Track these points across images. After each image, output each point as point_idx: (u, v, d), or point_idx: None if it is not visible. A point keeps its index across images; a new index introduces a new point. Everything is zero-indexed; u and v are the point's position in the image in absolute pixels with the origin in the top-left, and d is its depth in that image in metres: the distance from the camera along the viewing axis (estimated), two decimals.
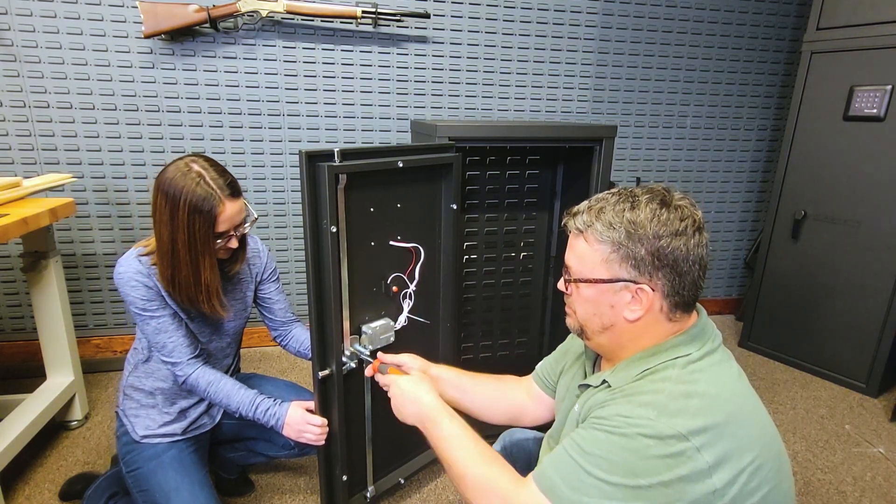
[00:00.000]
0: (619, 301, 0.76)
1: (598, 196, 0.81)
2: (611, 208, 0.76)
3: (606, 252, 0.75)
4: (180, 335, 1.16)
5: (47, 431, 1.66)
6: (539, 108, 2.37)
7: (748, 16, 2.45)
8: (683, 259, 0.73)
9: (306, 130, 2.16)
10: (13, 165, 1.94)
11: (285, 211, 2.23)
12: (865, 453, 1.76)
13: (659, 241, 0.73)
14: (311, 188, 1.04)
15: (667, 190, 0.78)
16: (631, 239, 0.73)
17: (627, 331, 0.78)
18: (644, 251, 0.73)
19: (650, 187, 0.79)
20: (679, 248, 0.73)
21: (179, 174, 1.06)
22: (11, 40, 1.83)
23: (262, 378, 1.43)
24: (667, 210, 0.74)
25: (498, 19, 2.21)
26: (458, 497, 1.51)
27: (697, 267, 0.75)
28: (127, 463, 1.21)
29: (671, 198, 0.77)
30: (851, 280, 2.11)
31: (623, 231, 0.74)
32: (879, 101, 1.94)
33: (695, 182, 2.66)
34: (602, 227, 0.75)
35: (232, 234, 1.13)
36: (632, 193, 0.78)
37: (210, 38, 1.98)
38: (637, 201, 0.76)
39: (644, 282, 0.74)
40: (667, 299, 0.75)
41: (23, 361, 2.07)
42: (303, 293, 2.35)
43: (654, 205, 0.75)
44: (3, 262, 2.03)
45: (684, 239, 0.74)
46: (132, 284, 1.11)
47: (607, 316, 0.78)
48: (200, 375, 1.18)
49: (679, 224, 0.74)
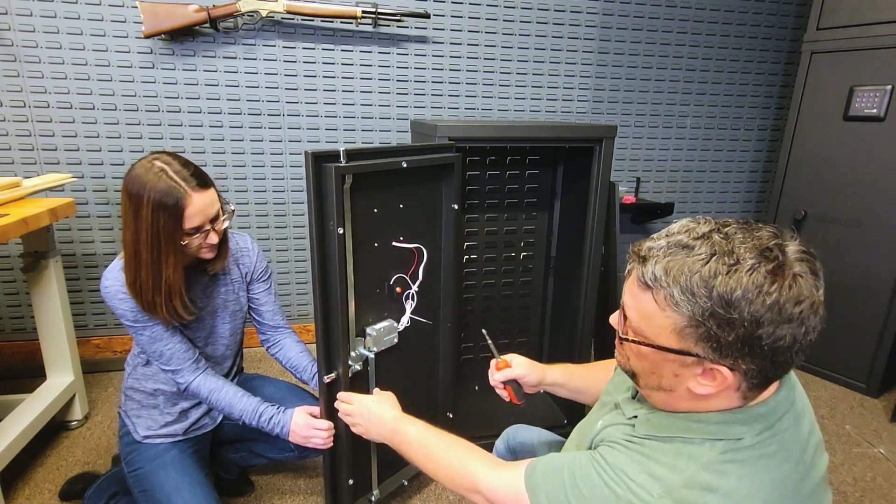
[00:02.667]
0: (687, 373, 0.61)
1: (678, 237, 0.61)
2: (698, 269, 0.57)
3: (681, 323, 0.59)
4: (176, 342, 1.15)
5: (47, 431, 1.66)
6: (539, 108, 2.37)
7: (748, 16, 2.45)
8: (786, 349, 0.56)
9: (306, 130, 2.16)
10: (13, 165, 1.94)
11: (285, 211, 2.23)
12: (866, 454, 1.76)
13: (758, 329, 0.55)
14: (316, 189, 1.03)
15: (780, 245, 0.57)
16: (718, 320, 0.56)
17: (687, 398, 0.64)
18: (734, 337, 0.56)
19: (758, 236, 0.58)
20: (783, 339, 0.55)
21: (143, 171, 1.03)
22: (11, 40, 1.83)
23: (262, 379, 1.42)
24: (779, 285, 0.55)
25: (498, 19, 2.21)
26: (457, 497, 1.51)
27: (801, 356, 0.58)
28: (129, 463, 1.22)
29: (787, 260, 0.56)
30: (851, 280, 2.10)
31: (710, 308, 0.56)
32: (879, 101, 1.94)
33: (695, 182, 2.66)
34: (680, 294, 0.57)
35: (209, 228, 1.09)
36: (730, 246, 0.57)
37: (210, 38, 1.98)
38: (738, 264, 0.56)
39: (724, 364, 0.58)
40: (748, 381, 0.59)
41: (23, 361, 2.07)
42: (303, 293, 2.35)
43: (763, 274, 0.55)
44: (3, 262, 2.03)
45: (793, 326, 0.55)
46: (120, 297, 1.08)
47: (667, 380, 0.64)
48: (202, 383, 1.17)
49: (793, 308, 0.55)
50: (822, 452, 0.68)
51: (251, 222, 2.21)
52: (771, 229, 0.60)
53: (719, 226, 0.61)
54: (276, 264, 2.28)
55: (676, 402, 0.66)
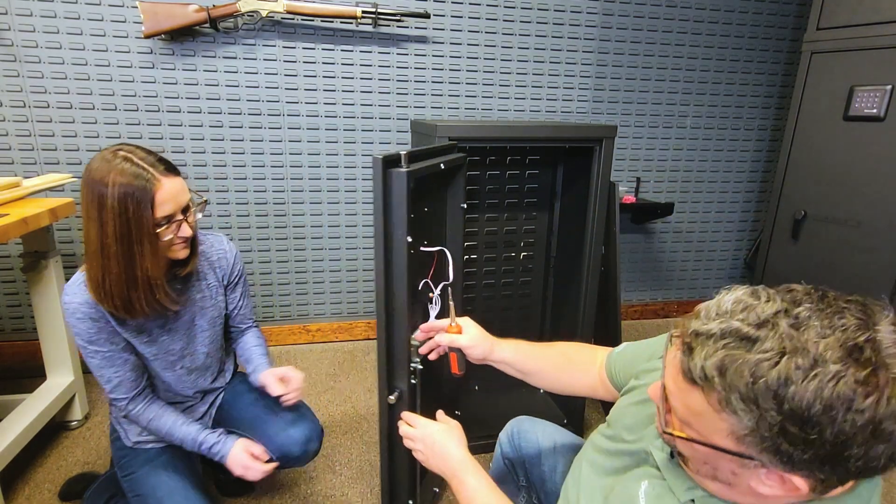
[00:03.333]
0: (748, 473, 0.52)
1: (735, 322, 0.49)
2: (763, 374, 0.46)
3: (741, 431, 0.49)
4: (127, 369, 1.11)
5: (47, 431, 1.66)
6: (539, 108, 2.37)
7: (748, 16, 2.45)
8: (881, 468, 0.47)
9: (306, 130, 2.16)
10: (13, 165, 1.94)
11: (285, 211, 2.23)
12: None
13: (845, 451, 0.45)
14: (386, 197, 0.95)
15: (872, 339, 0.45)
16: (791, 437, 0.46)
17: (749, 494, 0.54)
18: (811, 455, 0.46)
19: (842, 325, 0.46)
20: (877, 459, 0.46)
21: (103, 162, 0.98)
22: (11, 40, 1.83)
23: (249, 384, 1.35)
24: (875, 399, 0.43)
25: (498, 19, 2.21)
26: None
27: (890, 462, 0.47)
28: (121, 468, 1.21)
29: (881, 360, 0.45)
30: (851, 280, 2.10)
31: (779, 423, 0.46)
32: (879, 101, 1.94)
33: (695, 182, 2.66)
34: (740, 403, 0.47)
35: (180, 218, 1.03)
36: (805, 341, 0.46)
37: (210, 38, 1.98)
38: (818, 368, 0.44)
39: (797, 475, 0.49)
40: (825, 486, 0.50)
41: (23, 361, 2.07)
42: (302, 293, 2.35)
43: (851, 385, 0.44)
44: (3, 262, 2.03)
45: (892, 445, 0.45)
46: (78, 316, 1.04)
47: (723, 475, 0.54)
48: (142, 412, 1.14)
49: (893, 425, 0.44)
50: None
51: (251, 222, 2.21)
52: (858, 313, 0.47)
53: (788, 304, 0.48)
54: (276, 264, 2.29)
55: (736, 497, 0.55)
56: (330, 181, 2.24)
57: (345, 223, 2.31)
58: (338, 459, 1.65)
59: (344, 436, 1.77)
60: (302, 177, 2.21)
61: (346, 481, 1.56)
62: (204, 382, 1.28)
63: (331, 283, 2.38)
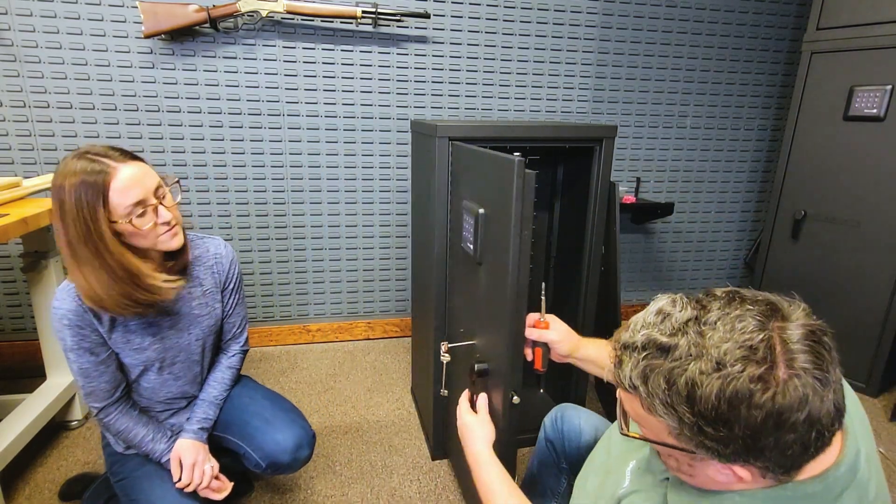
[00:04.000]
0: (702, 465, 0.56)
1: (654, 333, 0.54)
2: (674, 380, 0.50)
3: (675, 430, 0.54)
4: (104, 381, 1.10)
5: (47, 431, 1.66)
6: (539, 108, 2.37)
7: (748, 16, 2.45)
8: (800, 452, 0.51)
9: (306, 130, 2.16)
10: (13, 165, 1.94)
11: (285, 211, 2.23)
12: None
13: (758, 442, 0.49)
14: (521, 195, 0.96)
15: (769, 339, 0.49)
16: (708, 435, 0.51)
17: (713, 483, 0.58)
18: (732, 449, 0.51)
19: (741, 328, 0.50)
20: (791, 446, 0.50)
21: (61, 165, 0.95)
22: (11, 40, 1.83)
23: (244, 386, 1.34)
24: (772, 393, 0.47)
25: (498, 19, 2.21)
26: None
27: (827, 441, 0.52)
28: (114, 473, 1.20)
29: (778, 359, 0.48)
30: (851, 280, 2.10)
31: (695, 423, 0.51)
32: (879, 101, 1.94)
33: (695, 182, 2.66)
34: (663, 408, 0.52)
35: (154, 202, 0.99)
36: (709, 346, 0.50)
37: (210, 38, 1.98)
38: (720, 371, 0.48)
39: (737, 464, 0.53)
40: (771, 472, 0.53)
41: (23, 361, 2.07)
42: (302, 293, 2.35)
43: (747, 385, 0.48)
44: (3, 262, 2.03)
45: (800, 433, 0.49)
46: (65, 323, 1.03)
47: (685, 468, 0.59)
48: (112, 422, 1.13)
49: (794, 415, 0.48)
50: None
51: (251, 222, 2.21)
52: (758, 314, 0.50)
53: (699, 311, 0.53)
54: (276, 264, 2.29)
55: (701, 485, 0.59)
56: (330, 181, 2.24)
57: (345, 223, 2.31)
58: (338, 459, 1.65)
59: (344, 436, 1.77)
60: (302, 177, 2.21)
61: (346, 481, 1.56)
62: (192, 389, 1.26)
63: (331, 283, 2.38)
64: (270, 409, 1.27)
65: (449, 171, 1.39)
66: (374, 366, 2.24)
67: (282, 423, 1.24)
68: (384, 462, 1.65)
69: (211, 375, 1.28)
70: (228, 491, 1.19)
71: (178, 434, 1.19)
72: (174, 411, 1.26)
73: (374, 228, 2.35)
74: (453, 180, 1.39)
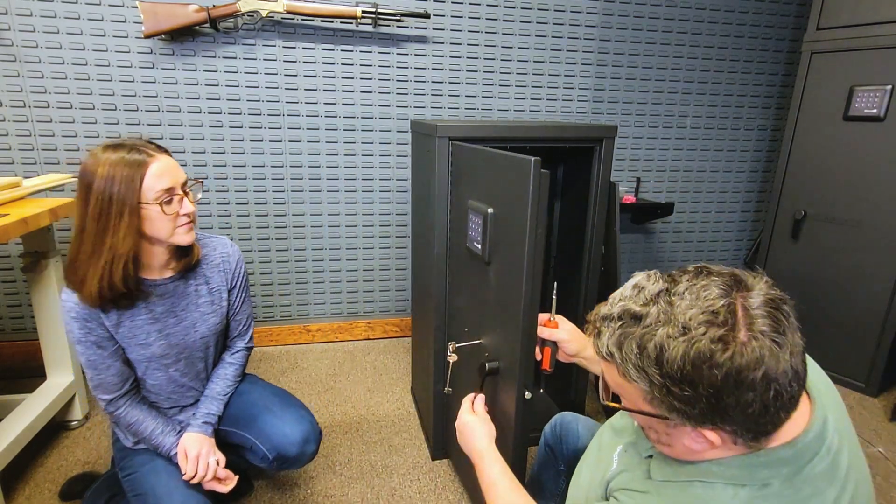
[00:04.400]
0: (677, 432, 0.60)
1: (629, 304, 0.58)
2: (646, 345, 0.55)
3: (648, 395, 0.58)
4: (111, 373, 1.12)
5: (47, 431, 1.66)
6: (539, 108, 2.37)
7: (748, 16, 2.45)
8: (761, 412, 0.54)
9: (306, 130, 2.16)
10: (13, 165, 1.94)
11: (285, 211, 2.23)
12: (865, 453, 1.76)
13: (721, 401, 0.53)
14: (535, 194, 0.98)
15: (731, 305, 0.53)
16: (677, 396, 0.55)
17: (689, 453, 0.61)
18: (699, 409, 0.55)
19: (705, 296, 0.55)
20: (752, 405, 0.53)
21: (97, 150, 1.01)
22: (11, 40, 1.83)
23: (252, 383, 1.36)
24: (731, 353, 0.51)
25: (498, 19, 2.21)
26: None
27: (790, 409, 0.55)
28: (122, 468, 1.21)
29: (739, 322, 0.53)
30: (851, 280, 2.10)
31: (664, 385, 0.55)
32: (879, 101, 1.94)
33: (695, 182, 2.66)
34: (636, 372, 0.57)
35: (181, 193, 1.06)
36: (676, 313, 0.55)
37: (210, 38, 1.98)
38: (685, 335, 0.53)
39: (707, 428, 0.57)
40: (741, 437, 0.57)
41: (23, 361, 2.07)
42: (302, 293, 2.35)
43: (708, 345, 0.52)
44: (3, 262, 2.03)
45: (758, 392, 0.52)
46: (72, 315, 1.06)
47: (663, 437, 0.62)
48: (122, 415, 1.15)
49: (752, 374, 0.51)
50: (867, 487, 0.64)
51: (251, 222, 2.21)
52: (722, 284, 0.55)
53: (669, 284, 0.58)
54: (276, 264, 2.29)
55: (680, 456, 0.63)
56: (330, 181, 2.24)
57: (345, 223, 2.31)
58: (338, 459, 1.65)
59: (344, 436, 1.77)
60: (302, 177, 2.21)
61: (346, 481, 1.56)
62: (197, 386, 1.27)
63: (331, 283, 2.38)
64: (279, 404, 1.29)
65: (449, 171, 1.39)
66: (374, 366, 2.24)
67: (290, 416, 1.26)
68: (384, 462, 1.65)
69: (215, 372, 1.30)
70: (234, 483, 1.20)
71: (185, 429, 1.21)
72: (180, 408, 1.28)
73: (374, 228, 2.35)
74: (454, 180, 1.39)
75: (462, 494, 1.51)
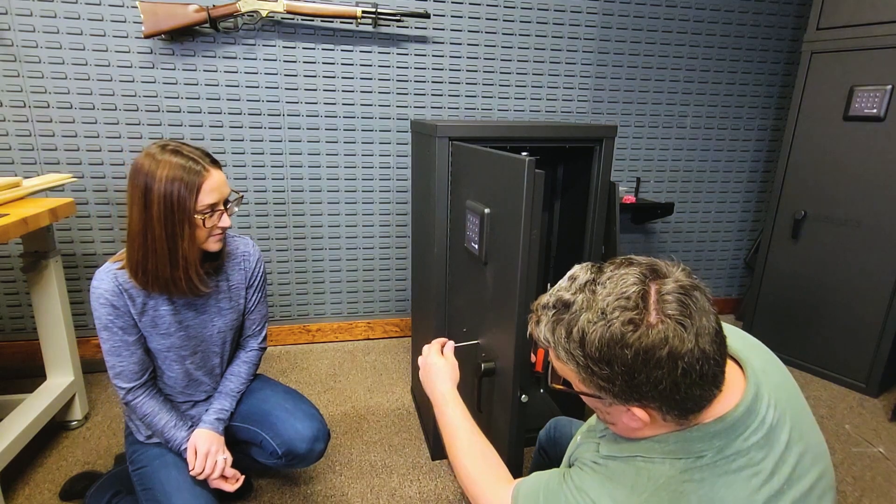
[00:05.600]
0: (614, 411, 0.65)
1: (563, 293, 0.64)
2: (571, 329, 0.60)
3: (579, 376, 0.63)
4: (133, 361, 1.15)
5: (47, 431, 1.66)
6: (539, 108, 2.37)
7: (748, 16, 2.45)
8: (673, 389, 0.58)
9: (306, 130, 2.16)
10: (13, 165, 1.94)
11: (285, 211, 2.23)
12: (865, 453, 1.76)
13: (634, 379, 0.58)
14: (530, 196, 0.98)
15: (644, 291, 0.59)
16: (599, 375, 0.60)
17: (629, 430, 0.66)
18: (619, 387, 0.60)
19: (622, 283, 0.60)
20: (662, 382, 0.57)
21: (152, 155, 1.04)
22: (11, 40, 1.83)
23: (264, 382, 1.39)
24: (639, 334, 0.57)
25: (498, 19, 2.21)
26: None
27: (708, 387, 0.59)
28: (133, 462, 1.23)
29: (650, 305, 0.58)
30: (851, 280, 2.10)
31: (587, 365, 0.60)
32: (879, 101, 1.94)
33: (695, 182, 2.66)
34: (565, 354, 0.62)
35: (221, 208, 1.11)
36: (596, 300, 0.60)
37: (210, 38, 1.98)
38: (602, 319, 0.58)
39: (634, 406, 0.61)
40: (669, 414, 0.61)
41: (23, 361, 2.07)
42: (302, 293, 2.35)
43: (619, 327, 0.57)
44: (3, 262, 2.03)
45: (666, 370, 0.57)
46: (101, 302, 1.10)
47: (604, 413, 0.67)
48: (141, 403, 1.18)
49: (659, 353, 0.56)
50: (817, 462, 0.65)
51: (251, 222, 2.21)
52: (639, 273, 0.60)
53: (596, 274, 0.63)
54: (276, 264, 2.29)
55: (622, 433, 0.67)
56: (330, 181, 2.24)
57: (345, 223, 2.31)
58: (338, 459, 1.65)
59: (344, 436, 1.77)
60: (302, 177, 2.21)
61: (346, 481, 1.56)
62: (211, 381, 1.30)
63: (331, 283, 2.38)
64: (291, 402, 1.31)
65: (449, 171, 1.39)
66: (374, 366, 2.24)
67: (302, 414, 1.29)
68: (384, 462, 1.65)
69: (229, 369, 1.32)
70: (240, 483, 1.21)
71: (197, 424, 1.23)
72: (193, 402, 1.30)
73: (374, 228, 2.35)
74: (454, 180, 1.39)
75: (462, 494, 1.51)
